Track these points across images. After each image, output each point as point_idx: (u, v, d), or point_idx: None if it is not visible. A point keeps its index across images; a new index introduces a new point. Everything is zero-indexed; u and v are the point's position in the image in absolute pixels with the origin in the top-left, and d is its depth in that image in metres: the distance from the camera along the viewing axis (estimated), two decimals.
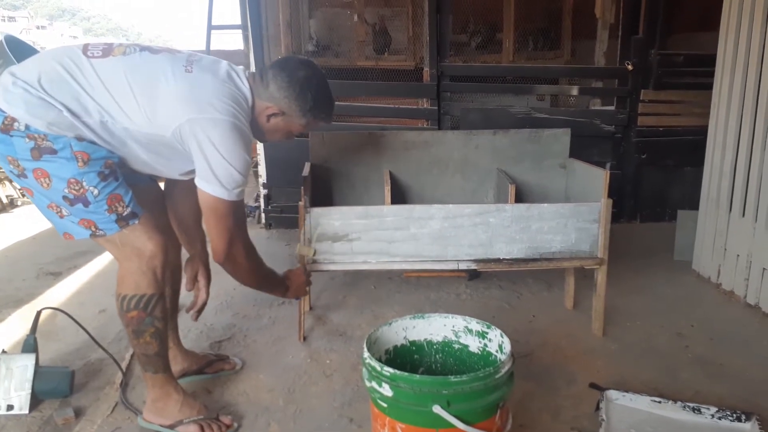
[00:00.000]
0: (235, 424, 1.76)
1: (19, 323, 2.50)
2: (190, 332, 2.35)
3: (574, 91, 4.08)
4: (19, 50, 4.83)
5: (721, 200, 2.76)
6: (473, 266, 2.19)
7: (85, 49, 1.54)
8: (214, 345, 2.27)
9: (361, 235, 2.14)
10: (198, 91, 1.52)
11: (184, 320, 2.11)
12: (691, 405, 1.72)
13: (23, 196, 5.08)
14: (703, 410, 1.71)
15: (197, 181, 1.55)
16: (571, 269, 2.51)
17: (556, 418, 1.78)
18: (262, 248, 3.31)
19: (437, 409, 1.27)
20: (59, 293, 2.89)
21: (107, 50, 1.55)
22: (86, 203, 1.50)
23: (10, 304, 2.72)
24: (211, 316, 2.50)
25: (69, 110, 1.46)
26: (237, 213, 1.62)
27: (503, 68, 4.15)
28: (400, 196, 2.64)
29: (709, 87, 2.89)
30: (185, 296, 1.98)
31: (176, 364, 1.91)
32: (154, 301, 1.59)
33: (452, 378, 1.29)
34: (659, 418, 1.72)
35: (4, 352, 1.92)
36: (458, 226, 2.14)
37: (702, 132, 2.99)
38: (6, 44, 4.77)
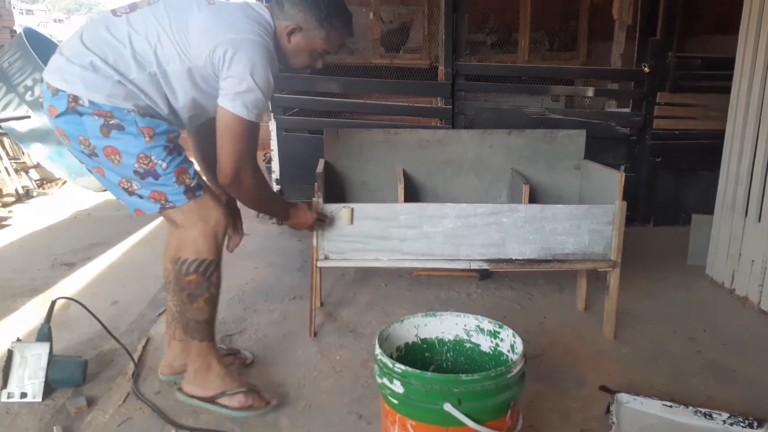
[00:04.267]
0: (274, 401, 1.79)
1: (33, 312, 2.53)
2: None
3: (590, 92, 4.04)
4: (38, 43, 4.92)
5: (737, 205, 2.74)
6: (485, 266, 2.19)
7: (114, 12, 1.64)
8: (225, 338, 2.28)
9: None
10: (225, 16, 1.61)
11: None
12: (703, 410, 1.71)
13: (38, 187, 5.13)
14: (714, 416, 1.70)
15: (219, 101, 1.60)
16: (584, 271, 2.50)
17: (566, 419, 1.77)
18: (274, 244, 3.31)
19: (448, 407, 1.28)
20: (73, 284, 2.92)
21: (133, 6, 1.65)
22: (156, 176, 1.57)
23: (25, 293, 2.76)
24: (222, 309, 2.49)
25: (118, 72, 1.53)
26: (252, 137, 1.65)
27: (518, 68, 4.13)
28: (413, 194, 2.64)
29: (727, 91, 2.86)
30: None
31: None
32: (213, 266, 1.67)
33: (464, 376, 1.29)
34: (670, 423, 1.71)
35: (19, 340, 1.95)
36: (471, 225, 2.14)
37: (718, 136, 2.96)
38: (25, 37, 4.84)
